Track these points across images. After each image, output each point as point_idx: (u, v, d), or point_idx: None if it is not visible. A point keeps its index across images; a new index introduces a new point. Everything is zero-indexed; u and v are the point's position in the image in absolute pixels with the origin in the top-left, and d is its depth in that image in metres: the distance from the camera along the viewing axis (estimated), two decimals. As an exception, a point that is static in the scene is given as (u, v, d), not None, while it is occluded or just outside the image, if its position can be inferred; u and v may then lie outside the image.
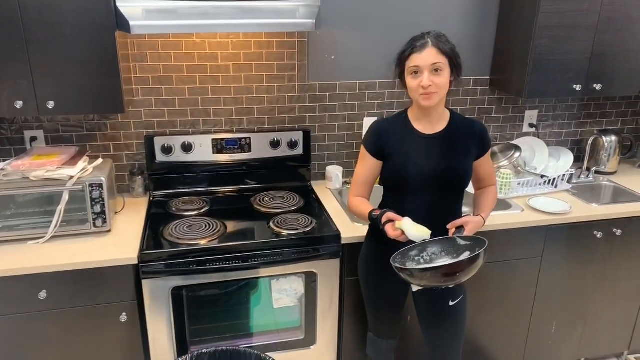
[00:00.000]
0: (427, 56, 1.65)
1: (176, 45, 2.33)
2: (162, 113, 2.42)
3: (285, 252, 2.05)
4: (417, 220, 1.71)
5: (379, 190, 1.94)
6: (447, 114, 1.82)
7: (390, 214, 1.74)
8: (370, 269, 1.97)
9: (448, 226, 1.77)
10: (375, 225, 1.79)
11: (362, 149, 1.86)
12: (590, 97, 2.87)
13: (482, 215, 1.85)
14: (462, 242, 1.73)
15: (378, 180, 1.90)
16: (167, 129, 2.45)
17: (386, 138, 1.80)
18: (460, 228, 1.76)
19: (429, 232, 1.69)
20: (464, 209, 1.93)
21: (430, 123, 1.79)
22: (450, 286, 1.71)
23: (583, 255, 2.44)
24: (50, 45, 1.88)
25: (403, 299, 1.99)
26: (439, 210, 1.80)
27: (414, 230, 1.67)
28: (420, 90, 1.68)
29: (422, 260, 1.74)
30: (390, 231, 1.70)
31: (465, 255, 1.69)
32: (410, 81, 1.70)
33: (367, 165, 1.85)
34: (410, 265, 1.71)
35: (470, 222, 1.77)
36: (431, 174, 1.76)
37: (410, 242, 1.70)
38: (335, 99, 2.58)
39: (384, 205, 1.90)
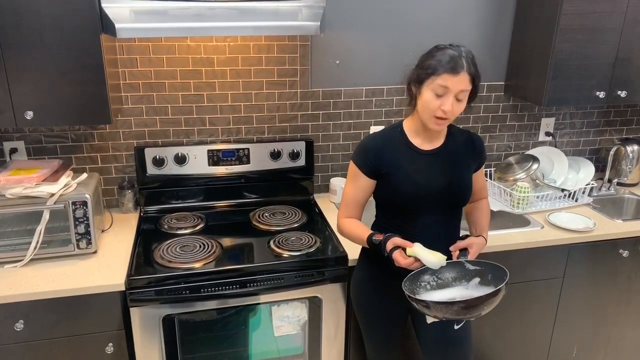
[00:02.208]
0: (460, 81, 1.48)
1: (169, 49, 2.15)
2: (153, 122, 2.24)
3: (287, 276, 1.87)
4: (419, 241, 1.57)
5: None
6: (445, 128, 1.67)
7: (397, 240, 1.56)
8: (364, 294, 1.81)
9: (451, 248, 1.63)
10: (375, 250, 1.62)
11: (353, 167, 1.67)
12: (611, 104, 2.70)
13: (483, 235, 1.71)
14: (470, 267, 1.59)
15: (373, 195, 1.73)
16: (159, 139, 2.27)
17: (382, 155, 1.63)
18: (463, 250, 1.62)
19: (445, 257, 1.54)
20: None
21: (429, 137, 1.64)
22: (472, 319, 1.55)
23: (607, 276, 2.27)
24: (28, 50, 1.71)
25: (402, 325, 1.83)
26: (440, 230, 1.66)
27: (431, 257, 1.51)
28: (438, 113, 1.51)
29: (428, 287, 1.58)
30: (401, 259, 1.53)
31: (475, 281, 1.57)
32: (431, 99, 1.51)
33: (360, 185, 1.68)
34: (421, 292, 1.56)
35: (474, 244, 1.63)
36: (432, 192, 1.61)
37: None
38: (339, 107, 2.41)
39: (378, 226, 1.74)
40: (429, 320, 1.66)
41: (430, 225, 1.65)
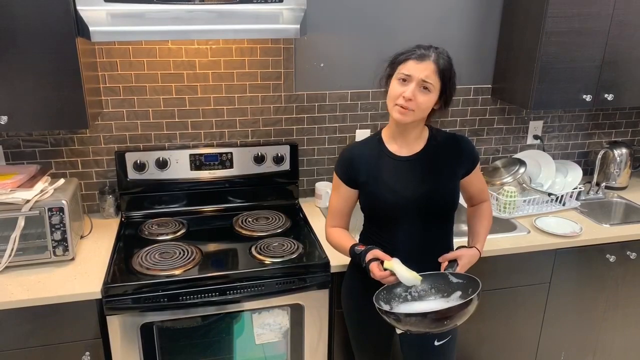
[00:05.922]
0: (424, 68, 1.46)
1: (149, 52, 2.12)
2: (134, 126, 2.21)
3: (268, 283, 1.84)
4: (403, 253, 1.54)
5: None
6: (426, 132, 1.63)
7: (377, 252, 1.53)
8: (353, 303, 1.78)
9: (440, 259, 1.59)
10: (357, 261, 1.59)
11: (335, 177, 1.67)
12: (599, 108, 2.68)
13: (477, 246, 1.66)
14: (454, 280, 1.54)
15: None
16: (141, 144, 2.24)
17: (358, 164, 1.61)
18: (452, 262, 1.58)
19: (420, 278, 1.51)
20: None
21: (407, 143, 1.60)
22: (441, 332, 1.52)
23: (594, 281, 2.25)
24: (0, 54, 1.67)
25: (390, 337, 1.79)
26: (425, 241, 1.61)
27: (407, 273, 1.48)
28: (399, 100, 1.47)
29: (409, 297, 1.55)
30: (377, 271, 1.50)
31: (457, 295, 1.51)
32: (395, 86, 1.50)
33: (342, 194, 1.66)
34: (397, 303, 1.53)
35: (463, 255, 1.58)
36: (411, 200, 1.57)
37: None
38: (324, 110, 2.38)
39: (365, 236, 1.71)
40: (398, 331, 1.60)
41: (414, 235, 1.60)
